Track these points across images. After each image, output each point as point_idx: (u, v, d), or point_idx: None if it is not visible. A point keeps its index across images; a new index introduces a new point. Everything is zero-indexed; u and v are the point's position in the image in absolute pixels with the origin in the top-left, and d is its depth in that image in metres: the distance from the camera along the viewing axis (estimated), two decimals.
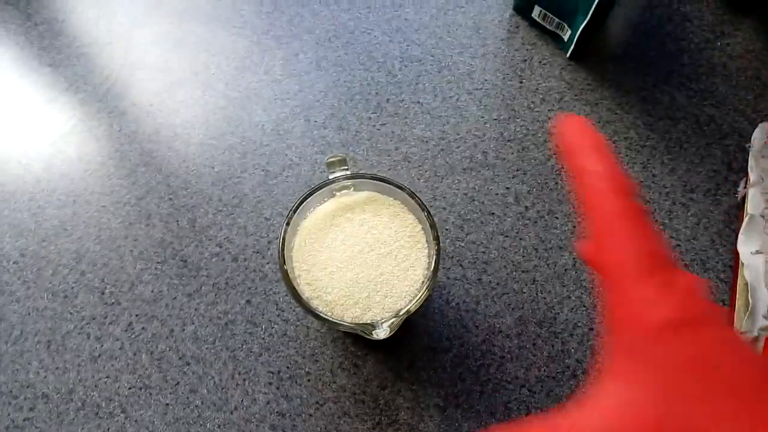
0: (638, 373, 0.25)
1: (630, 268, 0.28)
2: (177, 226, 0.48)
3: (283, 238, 0.39)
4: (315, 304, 0.38)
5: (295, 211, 0.39)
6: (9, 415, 0.43)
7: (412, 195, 0.39)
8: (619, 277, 0.29)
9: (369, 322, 0.37)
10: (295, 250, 0.40)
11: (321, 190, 0.40)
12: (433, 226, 0.39)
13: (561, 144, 0.32)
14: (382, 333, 0.36)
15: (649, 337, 0.26)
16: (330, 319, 0.37)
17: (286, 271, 0.38)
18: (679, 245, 0.48)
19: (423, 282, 0.39)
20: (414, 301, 0.38)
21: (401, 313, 0.37)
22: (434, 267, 0.38)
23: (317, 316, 0.37)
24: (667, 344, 0.26)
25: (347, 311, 0.38)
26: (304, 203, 0.40)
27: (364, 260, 0.39)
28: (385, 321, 0.37)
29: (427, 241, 0.40)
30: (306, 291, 0.39)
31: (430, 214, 0.39)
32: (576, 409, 0.26)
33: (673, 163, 0.50)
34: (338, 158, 0.41)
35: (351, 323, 0.37)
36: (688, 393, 0.25)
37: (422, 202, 0.39)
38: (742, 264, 0.45)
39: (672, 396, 0.25)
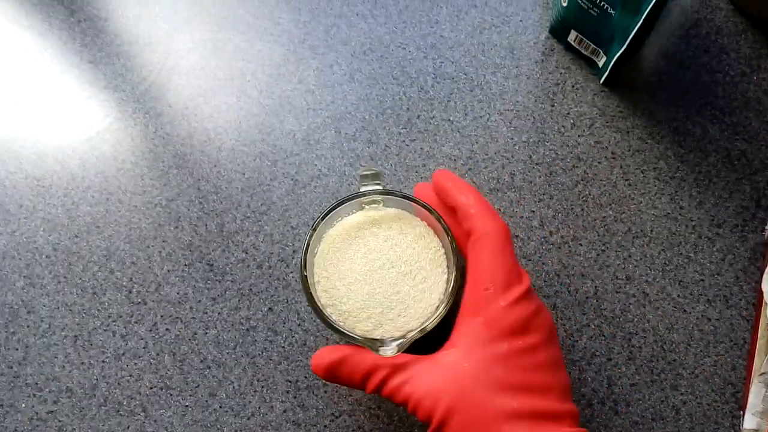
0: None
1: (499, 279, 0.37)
2: (205, 230, 0.49)
3: (308, 244, 0.39)
4: (329, 312, 0.39)
5: (323, 219, 0.40)
6: (33, 407, 0.44)
7: (440, 219, 0.39)
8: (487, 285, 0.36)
9: (378, 338, 0.38)
10: (318, 256, 0.40)
11: (351, 202, 0.41)
12: (455, 252, 0.39)
13: (439, 190, 0.41)
14: (389, 351, 0.36)
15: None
16: (341, 328, 0.38)
17: (306, 276, 0.38)
18: (702, 280, 0.47)
19: (438, 307, 0.39)
20: (427, 323, 0.38)
21: (410, 335, 0.37)
22: (450, 293, 0.38)
23: (329, 324, 0.38)
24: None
25: (359, 324, 0.39)
26: (333, 212, 0.40)
27: (383, 276, 0.39)
28: (394, 340, 0.37)
29: (448, 266, 0.40)
30: (323, 298, 0.39)
31: (454, 240, 0.39)
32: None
33: (702, 197, 0.50)
34: (372, 172, 0.41)
35: (361, 336, 0.37)
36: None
37: (448, 228, 0.39)
38: (765, 303, 0.45)
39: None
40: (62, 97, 0.53)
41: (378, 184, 0.41)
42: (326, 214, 0.40)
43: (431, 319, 0.38)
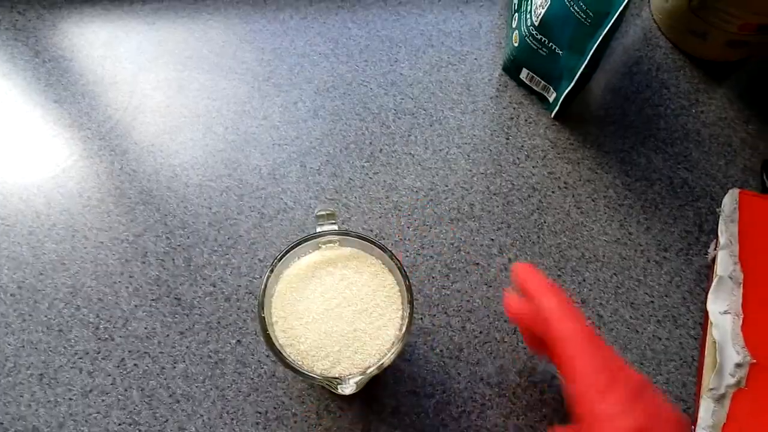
0: None
1: (592, 383, 0.34)
2: (173, 264, 0.48)
3: (265, 285, 0.39)
4: (288, 351, 0.39)
5: (280, 260, 0.40)
6: None
7: (393, 257, 0.40)
8: (584, 392, 0.34)
9: (337, 376, 0.38)
10: (275, 297, 0.40)
11: (308, 242, 0.41)
12: (409, 289, 0.39)
13: (521, 289, 0.39)
14: (348, 389, 0.37)
15: None
16: (299, 369, 0.38)
17: (263, 317, 0.38)
18: (652, 301, 0.49)
19: (393, 343, 0.39)
20: (384, 359, 0.38)
21: (368, 371, 0.38)
22: (406, 329, 0.39)
23: (287, 365, 0.37)
24: None
25: (317, 362, 0.39)
26: (290, 252, 0.40)
27: (339, 314, 0.40)
28: (352, 377, 0.37)
29: (402, 303, 0.40)
30: (281, 338, 0.39)
31: (407, 277, 0.40)
32: None
33: (649, 222, 0.51)
34: (327, 212, 0.41)
35: (320, 375, 0.37)
36: None
37: (402, 266, 0.40)
38: (711, 323, 0.46)
39: None
40: (27, 135, 0.53)
41: (334, 223, 0.41)
42: (283, 255, 0.40)
43: (387, 355, 0.38)
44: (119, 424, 0.43)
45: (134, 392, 0.44)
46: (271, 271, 0.39)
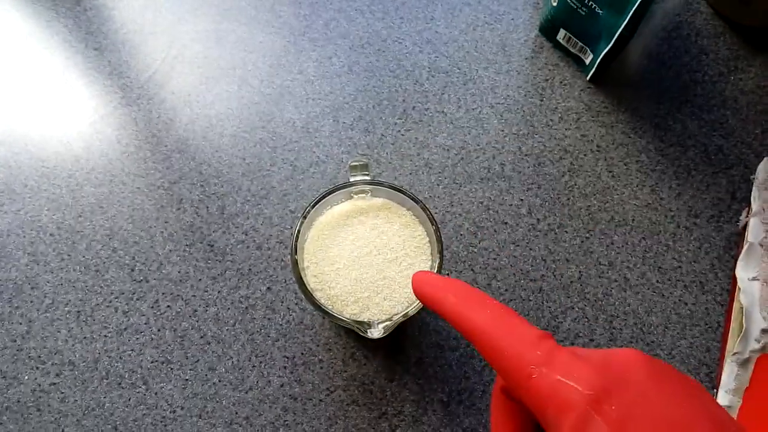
0: None
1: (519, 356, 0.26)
2: (206, 212, 0.49)
3: (298, 231, 0.40)
4: (318, 295, 0.39)
5: (313, 207, 0.40)
6: (36, 379, 0.44)
7: (425, 209, 0.40)
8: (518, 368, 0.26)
9: (365, 320, 0.38)
10: (308, 243, 0.41)
11: (340, 191, 0.41)
12: (439, 240, 0.40)
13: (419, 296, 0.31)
14: (376, 333, 0.37)
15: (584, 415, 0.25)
16: (329, 311, 0.38)
17: (296, 260, 0.39)
18: (680, 266, 0.48)
19: None
20: (409, 308, 0.38)
21: (396, 318, 0.38)
22: None
23: (317, 306, 0.38)
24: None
25: (347, 307, 0.39)
26: (323, 201, 0.41)
27: (369, 262, 0.40)
28: (381, 322, 0.38)
29: (431, 254, 0.40)
30: (311, 282, 0.40)
31: (438, 229, 0.40)
32: None
33: (680, 188, 0.50)
34: (361, 163, 0.41)
35: (349, 319, 0.38)
36: None
37: (433, 218, 0.40)
38: (739, 289, 0.45)
39: None
40: (68, 82, 0.53)
41: (366, 174, 0.41)
42: (316, 203, 0.40)
43: (414, 304, 0.39)
44: (152, 362, 0.44)
45: (167, 332, 0.45)
46: (304, 217, 0.40)
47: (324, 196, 0.41)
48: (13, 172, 0.50)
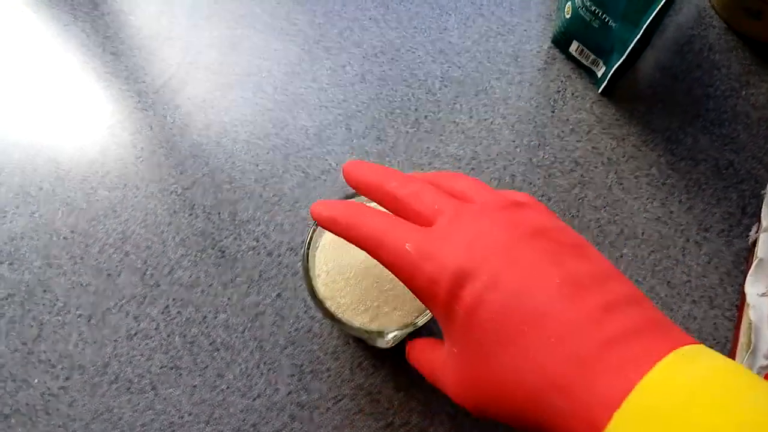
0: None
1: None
2: (218, 218, 0.47)
3: (310, 238, 0.39)
4: (328, 304, 0.38)
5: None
6: (45, 383, 0.42)
7: None
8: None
9: (375, 329, 0.37)
10: (319, 251, 0.39)
11: (353, 199, 0.40)
12: None
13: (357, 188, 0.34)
14: (384, 343, 0.36)
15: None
16: (340, 319, 0.37)
17: (308, 269, 0.38)
18: (689, 281, 0.46)
19: None
20: (419, 319, 0.37)
21: (406, 329, 0.37)
22: None
23: (329, 315, 0.37)
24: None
25: (357, 316, 0.38)
26: None
27: (380, 272, 0.39)
28: (390, 332, 0.37)
29: None
30: (322, 290, 0.38)
31: None
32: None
33: (691, 202, 0.49)
34: None
35: (359, 328, 0.37)
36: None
37: None
38: (748, 304, 0.44)
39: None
40: (84, 86, 0.52)
41: None
42: None
43: (423, 315, 0.38)
44: (161, 367, 0.43)
45: (176, 338, 0.44)
46: (317, 225, 0.38)
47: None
48: (28, 175, 0.48)
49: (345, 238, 0.31)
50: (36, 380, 0.42)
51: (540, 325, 0.24)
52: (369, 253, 0.30)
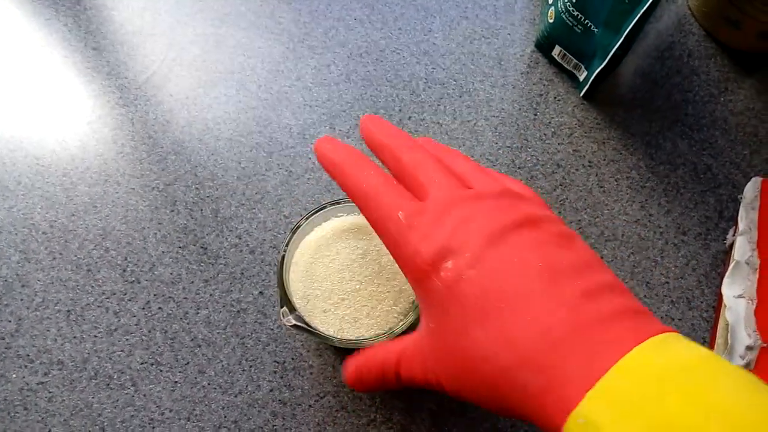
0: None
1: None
2: (200, 214, 0.47)
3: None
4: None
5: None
6: (24, 378, 0.42)
7: None
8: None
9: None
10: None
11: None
12: None
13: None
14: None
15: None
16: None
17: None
18: (667, 282, 0.47)
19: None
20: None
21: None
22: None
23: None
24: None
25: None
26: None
27: (360, 279, 0.39)
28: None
29: None
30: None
31: None
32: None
33: (670, 206, 0.50)
34: None
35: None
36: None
37: None
38: (725, 306, 0.45)
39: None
40: (65, 81, 0.52)
41: None
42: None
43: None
44: (141, 363, 0.43)
45: (157, 334, 0.44)
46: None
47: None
48: (7, 169, 0.48)
49: (340, 185, 0.32)
50: (14, 375, 0.42)
51: (517, 304, 0.24)
52: (359, 206, 0.31)
